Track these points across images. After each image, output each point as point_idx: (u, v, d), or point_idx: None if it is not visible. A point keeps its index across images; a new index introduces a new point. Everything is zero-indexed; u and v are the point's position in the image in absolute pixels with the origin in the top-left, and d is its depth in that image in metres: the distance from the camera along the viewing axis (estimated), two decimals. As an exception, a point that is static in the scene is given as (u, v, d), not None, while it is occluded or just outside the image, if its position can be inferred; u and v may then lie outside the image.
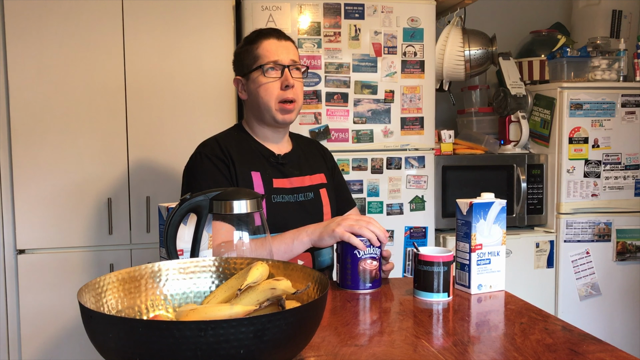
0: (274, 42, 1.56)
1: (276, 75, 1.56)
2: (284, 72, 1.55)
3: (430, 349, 1.01)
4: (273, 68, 1.55)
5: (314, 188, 1.63)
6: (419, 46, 2.51)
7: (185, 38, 2.37)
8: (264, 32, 1.59)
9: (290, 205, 1.57)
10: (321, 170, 1.69)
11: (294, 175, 1.61)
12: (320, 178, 1.67)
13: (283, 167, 1.61)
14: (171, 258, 1.14)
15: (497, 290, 1.37)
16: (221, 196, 1.15)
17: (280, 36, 1.58)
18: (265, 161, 1.59)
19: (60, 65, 2.27)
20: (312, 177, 1.65)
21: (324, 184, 1.67)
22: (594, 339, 1.04)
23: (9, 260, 2.29)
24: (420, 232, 2.56)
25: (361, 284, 1.35)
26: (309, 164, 1.67)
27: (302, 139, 1.78)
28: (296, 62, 1.58)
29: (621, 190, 2.74)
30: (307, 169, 1.65)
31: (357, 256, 1.34)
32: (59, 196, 2.29)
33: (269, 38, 1.57)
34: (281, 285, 0.91)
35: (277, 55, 1.55)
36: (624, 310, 2.75)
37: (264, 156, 1.60)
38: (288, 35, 1.62)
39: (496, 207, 1.36)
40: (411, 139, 2.53)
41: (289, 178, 1.60)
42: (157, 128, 2.36)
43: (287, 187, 1.59)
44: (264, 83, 1.55)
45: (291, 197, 1.58)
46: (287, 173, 1.61)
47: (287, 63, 1.56)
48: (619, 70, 2.77)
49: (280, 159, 1.61)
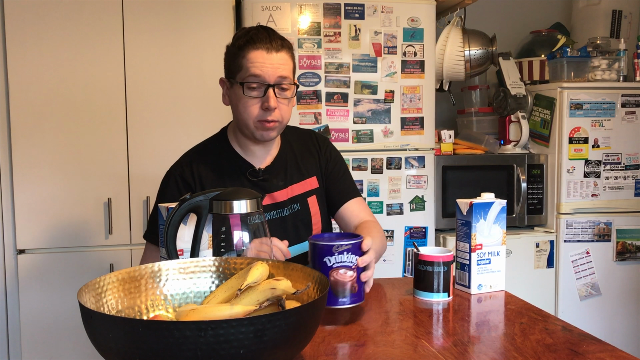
0: (262, 55, 1.38)
1: (258, 94, 1.39)
2: (267, 92, 1.38)
3: (430, 349, 1.01)
4: (255, 87, 1.39)
5: (300, 198, 1.52)
6: (419, 46, 2.51)
7: (185, 38, 2.37)
8: (255, 39, 1.39)
9: (272, 224, 1.47)
10: (312, 172, 1.57)
11: (277, 189, 1.50)
12: (309, 184, 1.55)
13: (264, 182, 1.49)
14: (171, 258, 1.14)
15: (497, 290, 1.37)
16: (221, 196, 1.15)
17: (272, 48, 1.38)
18: (244, 179, 1.48)
19: (60, 65, 2.27)
20: (300, 185, 1.53)
21: (314, 190, 1.56)
22: (594, 339, 1.04)
23: (9, 260, 2.29)
24: (420, 232, 2.56)
25: (333, 298, 1.15)
26: (297, 168, 1.55)
27: (297, 134, 1.63)
28: (284, 78, 1.40)
29: (621, 190, 2.74)
30: (295, 176, 1.53)
31: (327, 264, 1.15)
32: (59, 196, 2.29)
33: (257, 49, 1.38)
34: (281, 285, 0.91)
35: (262, 70, 1.37)
36: (624, 310, 2.75)
37: (242, 173, 1.49)
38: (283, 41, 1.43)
39: (496, 207, 1.36)
40: (411, 139, 2.54)
41: (270, 194, 1.49)
42: (156, 128, 2.36)
43: (268, 203, 1.48)
44: (243, 99, 1.41)
45: (274, 213, 1.49)
46: (269, 188, 1.49)
47: (272, 82, 1.38)
48: (619, 70, 2.77)
49: (260, 174, 1.49)
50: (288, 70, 1.42)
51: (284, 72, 1.40)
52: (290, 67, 1.44)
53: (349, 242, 1.15)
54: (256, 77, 1.38)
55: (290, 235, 1.47)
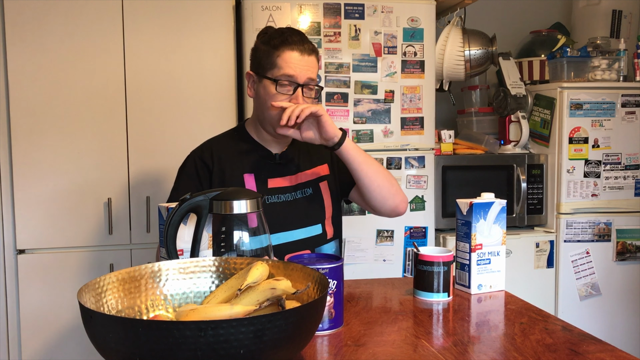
0: (296, 57, 1.51)
1: (288, 91, 1.52)
2: (297, 91, 1.52)
3: (430, 349, 1.01)
4: (287, 84, 1.52)
5: (312, 183, 1.63)
6: (419, 46, 2.51)
7: (185, 38, 2.37)
8: (290, 41, 1.52)
9: (286, 205, 1.58)
10: (323, 160, 1.68)
11: (291, 173, 1.62)
12: (321, 170, 1.66)
13: (280, 166, 1.61)
14: (171, 258, 1.14)
15: (497, 290, 1.37)
16: (221, 196, 1.15)
17: (304, 51, 1.52)
18: (261, 161, 1.60)
19: (60, 65, 2.27)
20: (312, 171, 1.65)
21: (325, 176, 1.66)
22: (594, 339, 1.04)
23: (9, 260, 2.29)
24: (420, 232, 2.56)
25: None
26: (310, 156, 1.66)
27: None
28: (312, 80, 1.54)
29: (621, 190, 2.74)
30: (307, 162, 1.65)
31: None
32: (59, 196, 2.29)
33: (292, 50, 1.51)
34: (281, 285, 0.92)
35: (295, 71, 1.50)
36: (624, 310, 2.75)
37: (260, 157, 1.61)
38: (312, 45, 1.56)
39: (496, 207, 1.36)
40: (411, 139, 2.53)
41: (286, 177, 1.60)
42: (157, 128, 2.36)
43: (283, 185, 1.59)
44: (274, 95, 1.52)
45: (288, 195, 1.59)
46: (284, 171, 1.61)
47: (303, 82, 1.52)
48: (619, 70, 2.77)
49: (277, 158, 1.61)
50: (315, 73, 1.57)
51: (312, 75, 1.55)
52: (317, 70, 1.58)
53: (327, 265, 1.08)
54: (289, 77, 1.51)
55: (301, 217, 1.59)
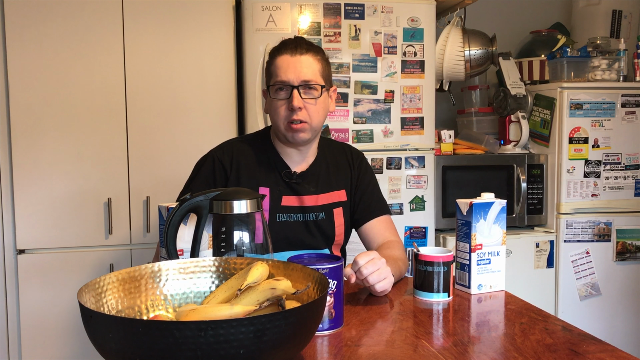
0: (286, 59, 1.46)
1: (284, 95, 1.47)
2: (292, 94, 1.45)
3: (430, 349, 1.01)
4: (282, 88, 1.47)
5: (327, 208, 1.57)
6: (419, 46, 2.51)
7: (185, 38, 2.37)
8: (281, 46, 1.49)
9: (296, 225, 1.53)
10: (342, 185, 1.61)
11: (308, 193, 1.55)
12: (338, 196, 1.60)
13: (297, 185, 1.54)
14: (171, 258, 1.14)
15: (497, 290, 1.37)
16: (221, 196, 1.15)
17: (296, 50, 1.46)
18: (278, 176, 1.54)
19: (60, 65, 2.27)
20: (329, 195, 1.58)
21: (341, 203, 1.60)
22: (594, 339, 1.04)
23: (9, 260, 2.29)
24: (420, 232, 2.56)
25: None
26: (329, 179, 1.59)
27: (333, 146, 1.67)
28: (309, 81, 1.46)
29: (621, 190, 2.74)
30: (325, 186, 1.58)
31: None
32: (59, 196, 2.29)
33: (282, 53, 1.47)
34: (281, 285, 0.91)
35: (287, 74, 1.45)
36: (624, 310, 2.75)
37: (278, 171, 1.55)
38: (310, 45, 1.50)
39: (496, 207, 1.36)
40: (411, 139, 2.53)
41: (301, 196, 1.54)
42: (156, 128, 2.36)
43: (296, 205, 1.54)
44: (273, 103, 1.49)
45: (300, 215, 1.54)
46: (300, 191, 1.54)
47: (296, 83, 1.45)
48: (619, 70, 2.77)
49: (294, 177, 1.54)
50: (313, 73, 1.47)
51: (308, 73, 1.46)
52: (316, 69, 1.48)
53: (327, 266, 1.09)
54: (282, 82, 1.46)
55: (307, 240, 1.54)
